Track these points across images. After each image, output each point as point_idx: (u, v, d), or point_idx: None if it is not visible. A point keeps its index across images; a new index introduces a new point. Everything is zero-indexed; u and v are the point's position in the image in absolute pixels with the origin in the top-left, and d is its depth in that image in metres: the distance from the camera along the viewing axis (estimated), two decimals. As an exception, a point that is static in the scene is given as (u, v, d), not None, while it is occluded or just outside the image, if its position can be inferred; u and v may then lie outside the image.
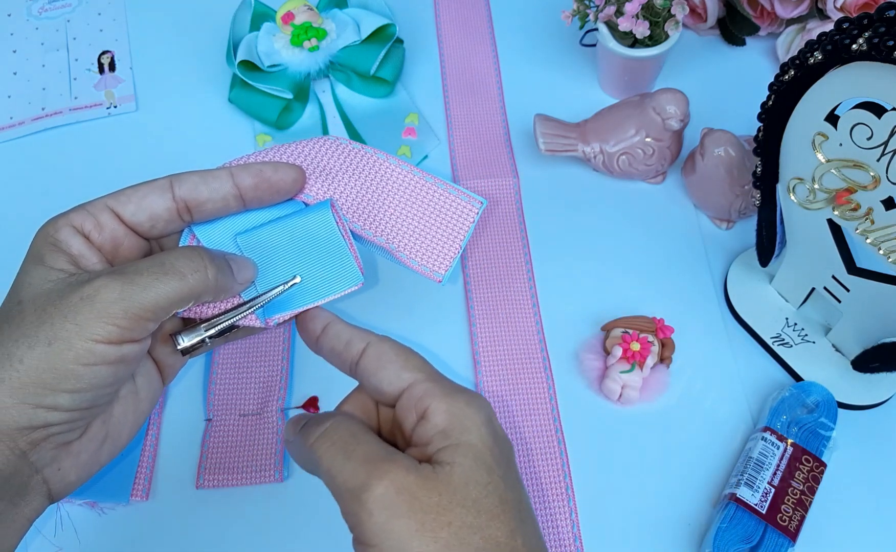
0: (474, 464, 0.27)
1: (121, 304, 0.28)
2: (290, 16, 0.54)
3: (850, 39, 0.31)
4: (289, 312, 0.35)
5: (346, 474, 0.27)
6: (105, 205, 0.32)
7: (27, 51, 0.60)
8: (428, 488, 0.26)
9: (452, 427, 0.28)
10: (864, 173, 0.34)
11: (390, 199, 0.38)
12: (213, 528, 0.40)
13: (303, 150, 0.37)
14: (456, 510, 0.26)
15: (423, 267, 0.38)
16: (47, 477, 0.29)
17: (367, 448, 0.28)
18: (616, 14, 0.49)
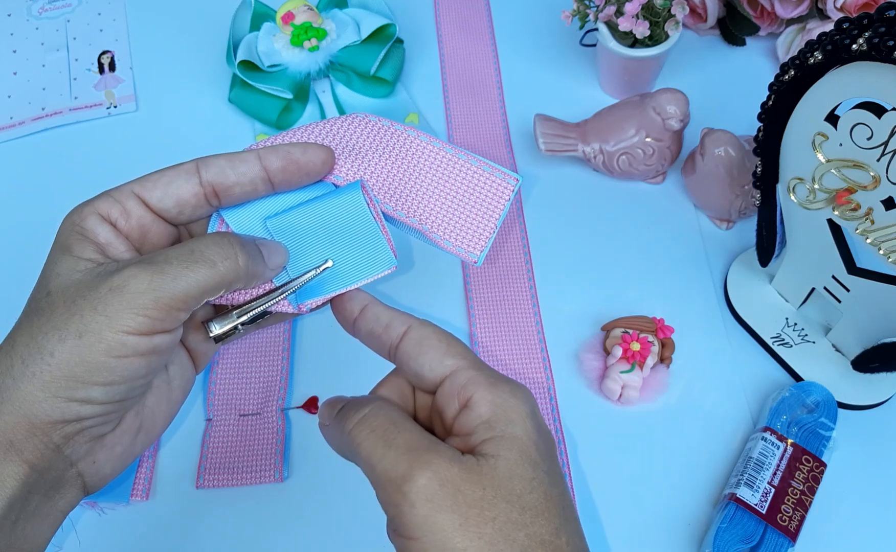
0: (519, 458, 0.26)
1: (151, 295, 0.27)
2: (290, 16, 0.54)
3: (850, 39, 0.31)
4: (322, 297, 0.34)
5: (387, 463, 0.26)
6: (131, 191, 0.31)
7: (27, 51, 0.60)
8: (472, 481, 0.25)
9: (497, 418, 0.27)
10: (864, 173, 0.34)
11: (422, 178, 0.37)
12: (213, 528, 0.40)
13: (331, 128, 0.36)
14: (500, 505, 0.25)
15: (457, 248, 0.36)
16: (82, 470, 0.29)
17: (408, 436, 0.27)
18: (616, 14, 0.49)
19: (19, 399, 0.26)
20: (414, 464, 0.26)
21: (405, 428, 0.27)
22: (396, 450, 0.26)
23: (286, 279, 0.34)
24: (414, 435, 0.27)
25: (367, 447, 0.27)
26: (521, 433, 0.27)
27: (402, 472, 0.26)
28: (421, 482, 0.25)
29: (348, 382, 0.44)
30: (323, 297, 0.34)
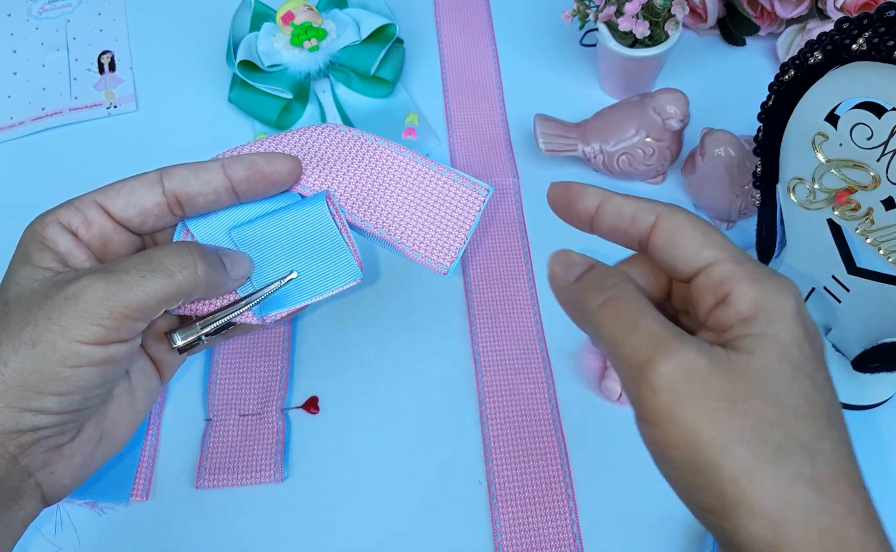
0: (778, 358, 0.24)
1: (106, 304, 0.27)
2: (290, 16, 0.54)
3: (850, 39, 0.31)
4: (286, 309, 0.34)
5: (629, 348, 0.24)
6: (93, 200, 0.31)
7: (27, 51, 0.60)
8: (721, 375, 0.23)
9: (757, 316, 0.25)
10: (864, 173, 0.34)
11: (391, 188, 0.37)
12: (213, 528, 0.40)
13: (300, 138, 0.36)
14: (752, 401, 0.23)
15: (426, 259, 0.36)
16: (40, 480, 0.29)
17: (652, 323, 0.25)
18: (616, 14, 0.49)
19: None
20: (658, 351, 0.24)
21: (650, 314, 0.25)
22: (639, 334, 0.24)
23: (250, 290, 0.34)
24: (659, 322, 0.25)
25: (608, 329, 0.25)
26: (783, 333, 0.24)
27: (646, 358, 0.24)
28: (664, 369, 0.23)
29: (348, 382, 0.44)
30: (287, 309, 0.34)
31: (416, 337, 0.46)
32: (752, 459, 0.22)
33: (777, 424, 0.23)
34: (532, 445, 0.42)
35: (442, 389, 0.44)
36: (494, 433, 0.42)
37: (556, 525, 0.40)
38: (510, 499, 0.40)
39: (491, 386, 0.44)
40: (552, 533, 0.40)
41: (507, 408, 0.43)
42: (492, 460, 0.42)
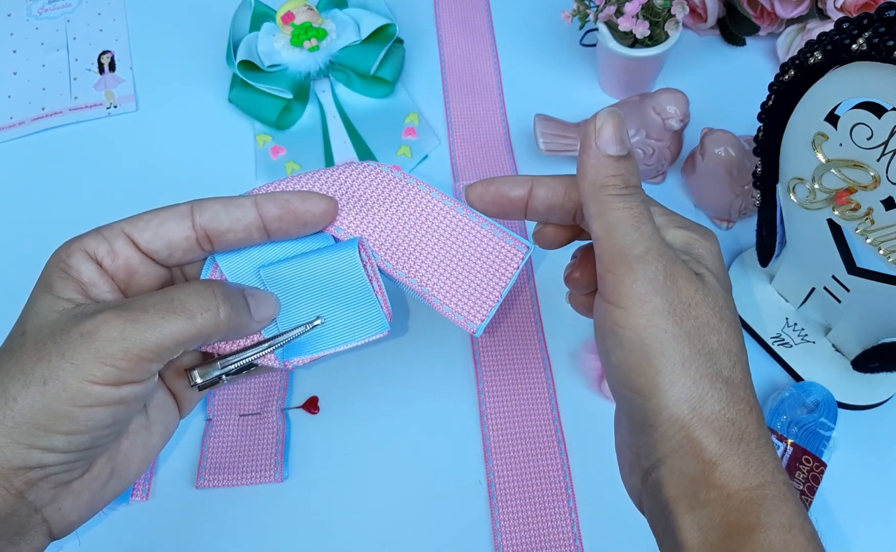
0: (716, 281, 0.29)
1: (121, 344, 0.26)
2: (290, 16, 0.54)
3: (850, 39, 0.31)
4: (308, 356, 0.33)
5: (629, 240, 0.28)
6: (121, 230, 0.30)
7: (27, 51, 0.60)
8: (690, 281, 0.28)
9: (691, 248, 0.30)
10: (864, 173, 0.34)
11: (428, 237, 0.35)
12: (213, 528, 0.40)
13: (339, 176, 0.35)
14: (703, 309, 0.27)
15: (456, 315, 0.34)
16: (47, 516, 0.28)
17: (652, 230, 0.28)
18: (616, 14, 0.49)
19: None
20: (651, 251, 0.28)
21: (651, 222, 0.29)
22: (641, 233, 0.28)
23: (275, 332, 0.33)
24: (655, 232, 0.29)
25: (617, 217, 0.28)
26: (716, 266, 0.30)
27: (640, 253, 0.27)
28: (651, 266, 0.27)
29: (348, 382, 0.44)
30: (310, 356, 0.33)
31: (415, 337, 0.46)
32: (691, 353, 0.27)
33: (717, 331, 0.28)
34: (532, 445, 0.42)
35: (442, 389, 0.44)
36: (494, 433, 0.42)
37: (556, 525, 0.40)
38: (510, 499, 0.40)
39: (491, 386, 0.44)
40: (552, 533, 0.40)
41: (507, 408, 0.43)
42: (492, 460, 0.42)
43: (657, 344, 0.27)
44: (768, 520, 0.25)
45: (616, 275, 0.28)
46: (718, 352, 0.27)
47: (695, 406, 0.26)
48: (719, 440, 0.26)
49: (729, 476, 0.26)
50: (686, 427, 0.26)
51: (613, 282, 0.28)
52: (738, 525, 0.25)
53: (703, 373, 0.27)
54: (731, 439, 0.26)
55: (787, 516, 0.25)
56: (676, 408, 0.26)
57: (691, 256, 0.29)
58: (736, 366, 0.28)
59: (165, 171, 0.53)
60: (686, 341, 0.27)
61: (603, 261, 0.28)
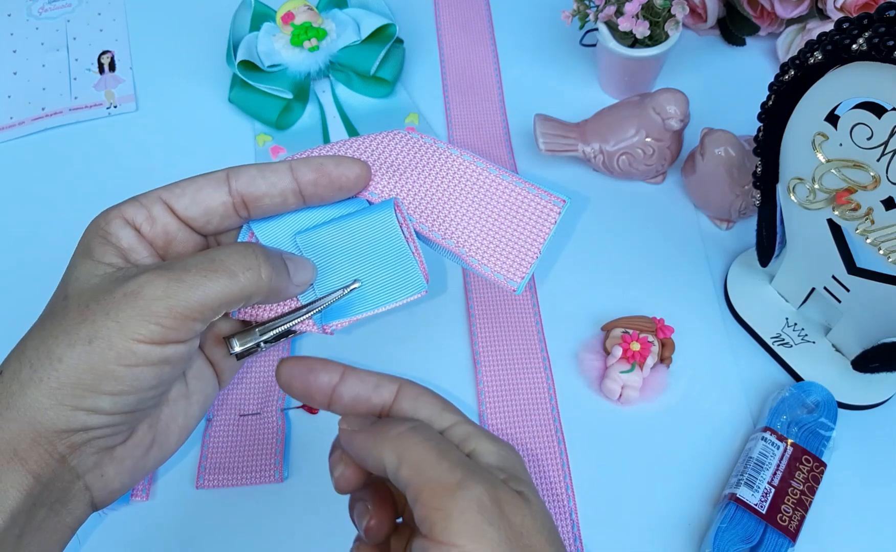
0: (537, 499, 0.27)
1: (165, 302, 0.26)
2: (290, 16, 0.54)
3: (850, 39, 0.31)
4: (347, 319, 0.33)
5: (441, 470, 0.25)
6: (158, 197, 0.30)
7: (27, 51, 0.60)
8: (515, 505, 0.26)
9: (506, 466, 0.28)
10: (864, 173, 0.34)
11: (462, 198, 0.35)
12: (213, 528, 0.40)
13: (370, 143, 0.35)
14: (536, 536, 0.26)
15: (496, 274, 0.34)
16: (89, 483, 0.28)
17: (459, 454, 0.27)
18: (616, 14, 0.49)
19: (25, 406, 0.26)
20: (468, 475, 0.25)
21: (453, 447, 0.27)
22: (450, 460, 0.26)
23: (312, 297, 0.33)
24: (462, 455, 0.27)
25: (419, 452, 0.26)
26: (529, 479, 0.28)
27: (458, 480, 0.25)
28: (475, 492, 0.25)
29: (348, 382, 0.44)
30: (349, 319, 0.33)
31: (415, 336, 0.46)
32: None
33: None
34: (532, 445, 0.42)
35: (442, 389, 0.44)
36: (494, 433, 0.42)
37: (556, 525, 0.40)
38: (510, 499, 0.40)
39: (491, 386, 0.44)
40: (552, 533, 0.40)
41: (507, 408, 0.43)
42: (492, 460, 0.42)
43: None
44: None
45: (443, 509, 0.25)
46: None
47: None
48: None
49: None
50: None
51: (438, 519, 0.25)
52: None
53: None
54: None
55: None
56: None
57: (508, 474, 0.27)
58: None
59: (165, 171, 0.53)
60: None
61: (422, 501, 0.25)
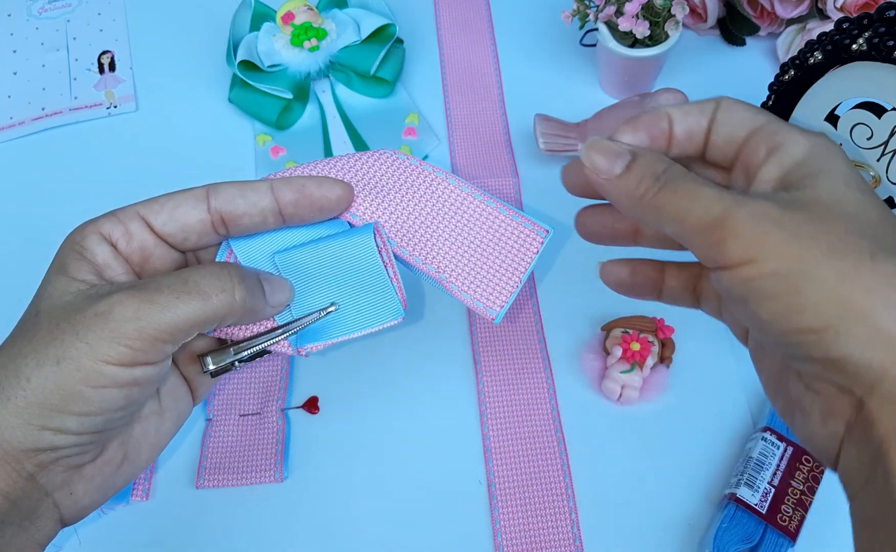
0: (844, 185, 0.24)
1: (136, 324, 0.26)
2: (290, 16, 0.54)
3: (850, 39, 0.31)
4: (322, 342, 0.33)
5: (699, 211, 0.25)
6: (136, 212, 0.30)
7: (27, 51, 0.60)
8: (794, 208, 0.24)
9: (813, 157, 0.25)
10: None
11: (445, 224, 0.34)
12: (213, 528, 0.40)
13: (355, 163, 0.34)
14: (831, 221, 0.23)
15: (475, 302, 0.34)
16: (58, 500, 0.28)
17: (714, 189, 0.25)
18: (616, 14, 0.49)
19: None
20: (731, 205, 0.24)
21: (708, 183, 0.26)
22: (706, 198, 0.25)
23: (289, 318, 0.33)
24: (719, 188, 0.25)
25: (672, 206, 0.25)
26: (841, 166, 0.25)
27: (719, 213, 0.24)
28: (742, 213, 0.24)
29: (348, 382, 0.44)
30: (324, 342, 0.33)
31: (415, 337, 0.46)
32: (848, 265, 0.22)
33: (864, 234, 0.23)
34: (532, 445, 0.42)
35: (442, 389, 0.44)
36: (494, 433, 0.42)
37: (556, 525, 0.40)
38: (510, 499, 0.40)
39: (491, 386, 0.44)
40: (552, 533, 0.40)
41: (507, 408, 0.43)
42: (492, 460, 0.42)
43: (803, 273, 0.22)
44: None
45: (714, 248, 0.24)
46: (880, 253, 0.22)
47: (880, 324, 0.21)
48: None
49: None
50: (883, 344, 0.21)
51: (717, 255, 0.24)
52: None
53: (875, 278, 0.22)
54: None
55: None
56: (861, 332, 0.22)
57: (808, 170, 0.25)
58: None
59: (165, 171, 0.53)
60: (834, 257, 0.22)
61: (694, 245, 0.25)
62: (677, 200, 0.25)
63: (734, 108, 0.28)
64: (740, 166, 0.28)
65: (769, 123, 0.27)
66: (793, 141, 0.26)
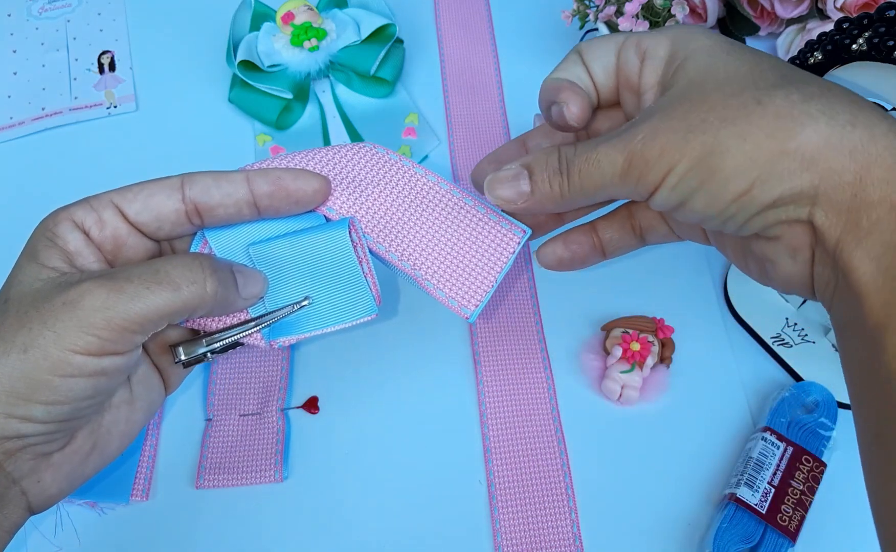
0: (709, 56, 0.26)
1: (104, 313, 0.26)
2: (290, 16, 0.54)
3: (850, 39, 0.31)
4: (295, 336, 0.33)
5: (608, 171, 0.27)
6: (110, 200, 0.30)
7: (27, 51, 0.60)
8: (676, 105, 0.26)
9: (676, 48, 0.28)
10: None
11: (422, 220, 0.34)
12: (213, 528, 0.40)
13: (334, 156, 0.34)
14: (711, 95, 0.25)
15: (450, 299, 0.34)
16: (26, 488, 0.28)
17: (604, 144, 0.28)
18: (616, 14, 0.49)
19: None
20: (625, 144, 0.27)
21: (597, 142, 0.28)
22: (605, 155, 0.27)
23: (262, 310, 0.33)
24: (607, 139, 0.28)
25: (588, 182, 0.28)
26: (703, 40, 0.27)
27: (623, 157, 0.27)
28: (637, 146, 0.26)
29: (348, 382, 0.44)
30: (296, 336, 0.33)
31: (415, 337, 0.46)
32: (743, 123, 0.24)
33: (743, 88, 0.25)
34: (532, 445, 0.42)
35: (442, 389, 0.44)
36: (494, 433, 0.42)
37: (556, 525, 0.40)
38: (510, 499, 0.41)
39: (491, 386, 0.44)
40: (552, 533, 0.40)
41: (507, 408, 0.43)
42: (492, 460, 0.42)
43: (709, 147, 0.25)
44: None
45: (636, 175, 0.27)
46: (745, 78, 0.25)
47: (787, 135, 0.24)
48: (848, 154, 0.23)
49: (883, 183, 0.23)
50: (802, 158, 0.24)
51: (639, 181, 0.27)
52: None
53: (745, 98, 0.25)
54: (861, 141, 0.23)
55: None
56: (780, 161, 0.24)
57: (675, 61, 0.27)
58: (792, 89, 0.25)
59: (165, 171, 0.53)
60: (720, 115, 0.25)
61: (626, 190, 0.28)
62: (587, 173, 0.28)
63: (593, 45, 0.31)
64: (624, 90, 0.30)
65: (629, 38, 0.29)
66: (655, 43, 0.28)
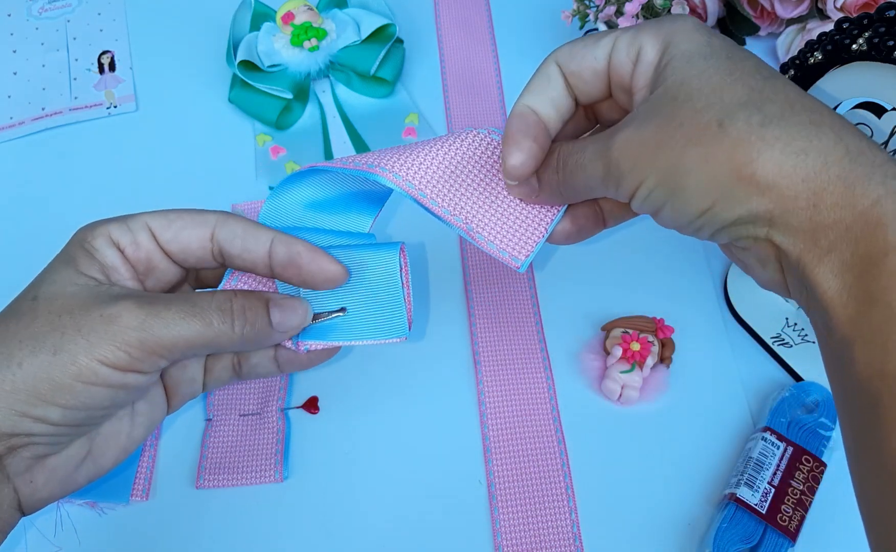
0: (687, 63, 0.27)
1: (139, 333, 0.27)
2: (290, 16, 0.54)
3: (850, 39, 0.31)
4: (323, 343, 0.33)
5: (593, 173, 0.29)
6: (146, 223, 0.31)
7: (27, 51, 0.60)
8: (652, 114, 0.27)
9: (664, 50, 0.28)
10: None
11: (473, 174, 0.34)
12: (213, 528, 0.40)
13: (442, 146, 0.34)
14: (681, 108, 0.26)
15: (500, 251, 0.33)
16: (18, 487, 0.28)
17: (589, 147, 0.29)
18: (616, 14, 0.49)
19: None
20: (603, 151, 0.28)
21: (584, 143, 0.30)
22: (589, 159, 0.29)
23: None
24: (592, 142, 0.29)
25: (580, 181, 0.30)
26: (684, 45, 0.28)
27: (603, 161, 0.28)
28: (613, 154, 0.28)
29: (348, 382, 0.44)
30: (325, 343, 0.33)
31: (415, 336, 0.46)
32: (705, 145, 0.25)
33: (710, 106, 0.25)
34: (532, 445, 0.42)
35: (442, 389, 0.44)
36: (494, 433, 0.42)
37: (556, 525, 0.40)
38: (510, 499, 0.41)
39: (491, 386, 0.44)
40: (552, 533, 0.40)
41: (507, 408, 0.43)
42: (492, 460, 0.42)
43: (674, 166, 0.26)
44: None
45: (613, 180, 0.28)
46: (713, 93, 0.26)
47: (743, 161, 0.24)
48: (801, 182, 0.24)
49: (836, 207, 0.24)
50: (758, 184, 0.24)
51: (616, 186, 0.28)
52: (869, 256, 0.23)
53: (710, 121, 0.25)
54: (813, 169, 0.24)
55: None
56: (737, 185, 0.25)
57: (662, 65, 0.28)
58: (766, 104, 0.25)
59: (165, 171, 0.53)
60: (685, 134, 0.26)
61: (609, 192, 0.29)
62: (576, 174, 0.30)
63: (575, 55, 0.32)
64: (617, 89, 0.31)
65: (619, 39, 0.30)
66: (646, 43, 0.29)
